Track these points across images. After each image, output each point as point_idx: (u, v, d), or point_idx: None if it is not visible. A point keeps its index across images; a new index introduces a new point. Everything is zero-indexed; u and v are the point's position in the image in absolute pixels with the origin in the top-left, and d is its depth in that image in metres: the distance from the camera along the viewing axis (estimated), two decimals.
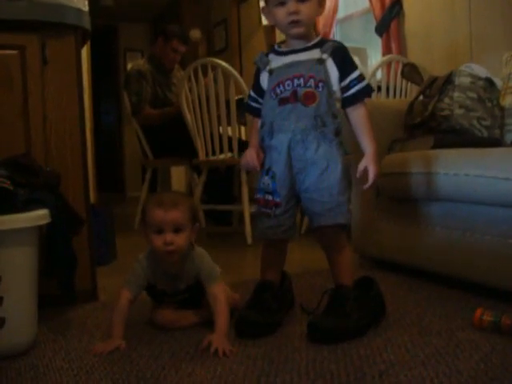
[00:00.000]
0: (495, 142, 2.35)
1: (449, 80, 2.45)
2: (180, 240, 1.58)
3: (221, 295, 1.61)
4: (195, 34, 6.71)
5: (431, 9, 3.77)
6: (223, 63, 3.30)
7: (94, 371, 1.39)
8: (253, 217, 2.89)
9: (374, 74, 3.46)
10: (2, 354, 1.47)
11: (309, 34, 1.65)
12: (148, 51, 5.87)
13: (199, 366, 1.39)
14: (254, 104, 1.76)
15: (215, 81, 3.29)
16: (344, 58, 1.63)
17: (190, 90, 3.42)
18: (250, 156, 1.71)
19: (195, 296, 1.71)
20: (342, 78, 1.62)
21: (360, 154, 1.66)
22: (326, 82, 1.60)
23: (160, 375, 1.34)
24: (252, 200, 3.03)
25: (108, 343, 1.54)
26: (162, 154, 3.99)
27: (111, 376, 1.35)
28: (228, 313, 1.59)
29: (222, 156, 3.41)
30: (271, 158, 1.66)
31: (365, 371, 1.33)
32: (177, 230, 1.58)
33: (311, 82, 1.59)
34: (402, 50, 3.99)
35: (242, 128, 4.22)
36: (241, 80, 3.20)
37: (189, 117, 3.46)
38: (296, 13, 1.57)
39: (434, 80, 2.53)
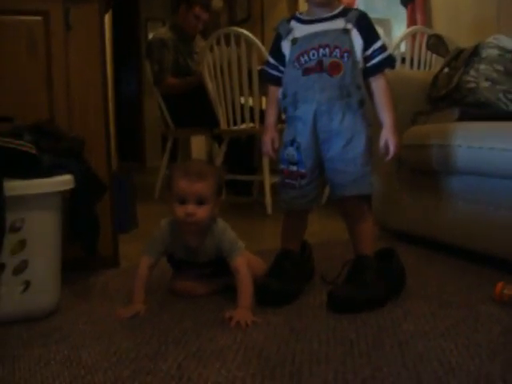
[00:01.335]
0: None
1: (475, 52, 2.40)
2: (202, 212, 1.56)
3: (242, 268, 1.59)
4: (217, 3, 6.65)
5: None
6: (246, 32, 3.27)
7: (116, 334, 1.41)
8: (273, 187, 2.89)
9: (398, 45, 3.41)
10: (27, 316, 1.50)
11: (332, 2, 1.62)
12: (170, 20, 5.84)
13: (220, 332, 1.41)
14: (273, 72, 1.71)
15: (238, 50, 3.27)
16: (368, 28, 1.61)
17: (213, 59, 3.40)
18: (265, 146, 1.72)
19: (218, 271, 1.69)
20: (365, 47, 1.60)
21: (381, 125, 1.65)
22: (351, 52, 1.58)
23: (181, 340, 1.36)
24: (272, 170, 3.04)
25: (129, 308, 1.56)
26: (183, 124, 3.99)
27: (133, 339, 1.37)
28: (250, 286, 1.57)
29: (243, 126, 3.41)
30: (296, 128, 1.65)
31: (384, 341, 1.33)
32: (200, 201, 1.56)
33: (337, 52, 1.57)
34: (428, 22, 3.92)
35: (264, 98, 4.20)
36: (263, 49, 3.18)
37: (210, 86, 3.45)
38: None
39: (459, 52, 2.49)
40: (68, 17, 1.92)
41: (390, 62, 1.64)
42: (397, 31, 4.43)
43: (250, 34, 3.26)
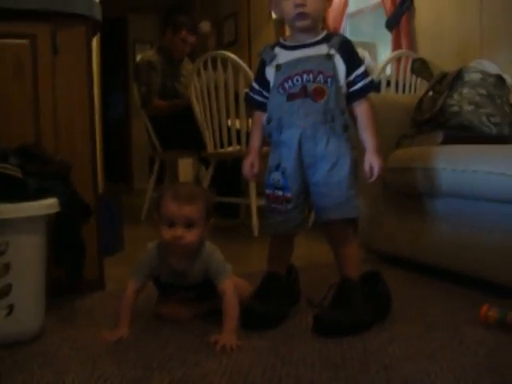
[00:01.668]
0: (504, 139, 2.35)
1: (458, 76, 2.44)
2: (191, 236, 1.54)
3: (229, 291, 1.57)
4: (205, 26, 6.71)
5: (442, 4, 3.76)
6: (232, 56, 3.30)
7: (100, 359, 1.40)
8: (260, 209, 2.90)
9: (383, 69, 3.45)
10: (10, 340, 1.49)
11: (315, 28, 1.65)
12: (157, 42, 5.86)
13: (205, 357, 1.40)
14: (257, 97, 1.74)
15: (224, 73, 3.29)
16: (350, 53, 1.64)
17: (200, 82, 3.42)
18: (245, 169, 1.74)
19: (203, 295, 1.68)
20: (348, 73, 1.63)
21: (365, 150, 1.67)
22: (335, 78, 1.60)
23: (166, 365, 1.35)
24: (259, 193, 3.05)
25: (113, 332, 1.55)
26: (170, 146, 3.99)
27: (118, 364, 1.36)
28: (236, 309, 1.55)
29: (230, 148, 3.42)
30: (280, 153, 1.66)
31: (370, 364, 1.33)
32: (189, 225, 1.54)
33: (320, 78, 1.60)
34: (412, 46, 3.98)
35: (251, 120, 4.22)
36: (250, 73, 3.20)
37: (197, 109, 3.46)
38: (303, 5, 1.58)
39: (443, 76, 2.53)
40: (55, 40, 1.92)
41: (372, 87, 1.67)
42: (382, 54, 4.49)
43: (236, 58, 3.29)
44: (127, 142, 8.10)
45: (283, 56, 1.66)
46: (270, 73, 1.68)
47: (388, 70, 3.58)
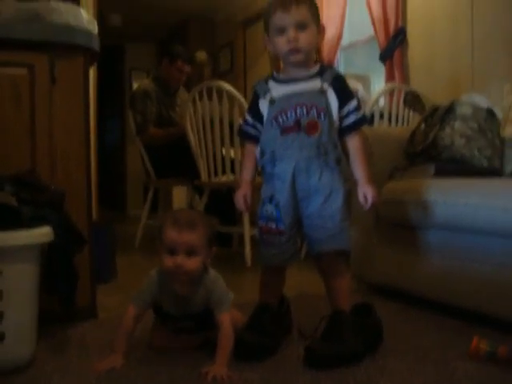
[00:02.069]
0: (495, 172, 2.38)
1: (450, 109, 2.48)
2: (192, 264, 1.53)
3: (227, 324, 1.56)
4: (201, 55, 6.78)
5: (434, 39, 3.82)
6: (228, 86, 3.34)
7: None
8: (253, 239, 2.90)
9: (376, 101, 3.49)
10: (1, 368, 1.48)
11: (308, 62, 1.68)
12: (153, 71, 5.92)
13: None
14: (250, 130, 1.76)
15: (219, 103, 3.33)
16: (343, 88, 1.67)
17: (195, 112, 3.45)
18: (238, 202, 1.76)
19: (201, 326, 1.66)
20: (340, 107, 1.66)
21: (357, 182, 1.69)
22: (328, 112, 1.63)
23: None
24: (252, 222, 3.06)
25: (106, 361, 1.54)
26: (164, 174, 4.01)
27: None
28: (231, 342, 1.55)
29: (223, 178, 3.44)
30: (274, 186, 1.68)
31: None
32: (190, 252, 1.53)
33: (314, 112, 1.62)
34: (405, 79, 4.04)
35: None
36: (245, 103, 3.23)
37: (192, 138, 3.49)
38: (295, 40, 1.61)
39: (435, 109, 2.56)
40: (53, 70, 1.95)
41: (364, 121, 1.70)
42: (376, 86, 4.55)
43: (231, 88, 3.33)
44: (122, 169, 8.11)
45: (277, 90, 1.69)
46: (264, 106, 1.70)
47: (381, 102, 3.63)
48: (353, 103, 1.67)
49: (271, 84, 1.71)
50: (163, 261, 1.54)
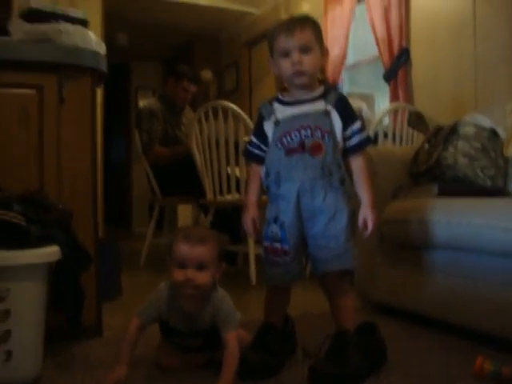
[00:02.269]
0: (499, 192, 2.39)
1: (453, 129, 2.50)
2: (202, 278, 1.54)
3: (233, 343, 1.56)
4: (206, 74, 6.84)
5: (438, 59, 3.86)
6: (233, 105, 3.37)
7: None
8: (258, 257, 2.91)
9: (380, 121, 3.52)
10: None
11: (312, 84, 1.70)
12: (159, 90, 5.96)
13: None
14: (256, 151, 1.78)
15: (225, 123, 3.36)
16: (346, 109, 1.69)
17: (200, 131, 3.48)
18: (247, 226, 1.77)
19: (209, 344, 1.66)
20: (344, 128, 1.68)
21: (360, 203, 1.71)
22: (332, 133, 1.65)
23: None
24: (257, 241, 3.07)
25: (111, 375, 1.53)
26: (170, 192, 4.03)
27: None
28: (236, 362, 1.54)
29: (229, 197, 3.46)
30: (278, 206, 1.70)
31: None
32: (200, 267, 1.54)
33: (318, 133, 1.65)
34: (409, 98, 4.07)
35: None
36: (250, 122, 3.27)
37: (198, 157, 3.51)
38: (300, 63, 1.63)
39: (439, 129, 2.58)
40: (61, 91, 1.98)
41: (367, 142, 1.72)
42: (380, 105, 4.58)
43: (236, 108, 3.36)
44: (127, 187, 8.14)
45: (281, 111, 1.71)
46: (269, 128, 1.73)
47: (385, 122, 3.66)
48: (356, 124, 1.69)
49: (276, 106, 1.73)
50: (173, 274, 1.55)
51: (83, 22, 2.12)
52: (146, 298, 1.65)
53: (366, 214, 1.67)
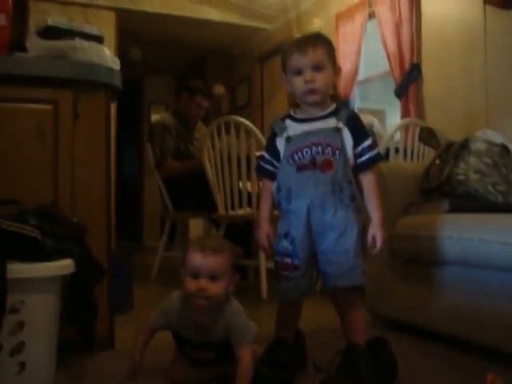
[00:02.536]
0: (509, 208, 2.39)
1: (464, 145, 2.50)
2: (215, 289, 1.53)
3: (247, 358, 1.55)
4: (219, 89, 6.89)
5: (449, 75, 3.88)
6: (245, 121, 3.39)
7: None
8: (269, 272, 2.92)
9: (392, 136, 3.53)
10: None
11: (324, 102, 1.72)
12: (172, 104, 6.01)
13: None
14: (268, 167, 1.79)
15: (237, 138, 3.38)
16: (357, 127, 1.71)
17: (213, 146, 3.51)
18: (262, 242, 1.77)
19: (221, 358, 1.64)
20: (355, 145, 1.69)
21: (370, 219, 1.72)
22: (343, 150, 1.67)
23: None
24: (268, 256, 3.07)
25: (126, 365, 1.59)
26: (181, 207, 4.05)
27: None
28: (249, 377, 1.54)
29: (240, 211, 3.47)
30: (289, 221, 1.71)
31: None
32: (213, 277, 1.53)
33: (329, 150, 1.66)
34: (420, 114, 4.08)
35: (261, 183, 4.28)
36: (262, 137, 3.29)
37: (210, 172, 3.54)
38: (312, 81, 1.65)
39: (450, 145, 2.59)
40: (76, 106, 2.01)
41: (378, 159, 1.73)
42: (392, 120, 4.60)
43: (248, 123, 3.38)
44: (139, 200, 8.19)
45: (293, 128, 1.73)
46: (281, 144, 1.74)
47: (397, 137, 3.67)
48: (367, 141, 1.70)
49: (288, 122, 1.75)
50: (186, 284, 1.54)
51: (98, 39, 2.16)
52: (159, 305, 1.66)
53: (375, 232, 1.68)
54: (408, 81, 4.13)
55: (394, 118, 4.61)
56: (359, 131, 1.70)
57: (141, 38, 6.61)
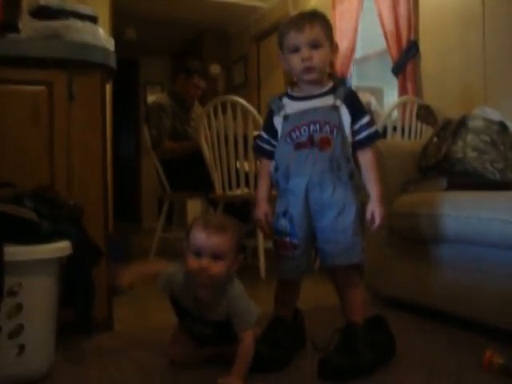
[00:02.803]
0: (507, 185, 2.38)
1: (462, 123, 2.49)
2: (217, 268, 1.51)
3: (249, 340, 1.55)
4: (215, 69, 6.85)
5: (446, 52, 3.85)
6: (241, 100, 3.37)
7: None
8: (267, 252, 2.92)
9: (389, 114, 3.52)
10: (20, 380, 1.52)
11: (322, 79, 1.71)
12: (168, 85, 5.96)
13: None
14: (265, 146, 1.78)
15: (234, 117, 3.36)
16: (355, 104, 1.70)
17: (209, 126, 3.49)
18: (260, 222, 1.76)
19: (219, 335, 1.63)
20: (352, 122, 1.68)
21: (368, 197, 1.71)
22: (340, 128, 1.66)
23: None
24: (266, 236, 3.07)
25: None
26: (179, 187, 4.04)
27: None
28: (250, 358, 1.54)
29: (238, 191, 3.47)
30: (288, 200, 1.70)
31: None
32: (216, 257, 1.51)
33: (326, 128, 1.65)
34: (418, 91, 4.06)
35: (259, 163, 4.27)
36: (259, 117, 3.27)
37: (207, 152, 3.52)
38: (309, 59, 1.64)
39: (447, 123, 2.58)
40: (71, 88, 1.99)
41: (376, 137, 1.72)
42: (389, 99, 4.57)
43: (245, 102, 3.36)
44: (137, 181, 8.18)
45: (291, 106, 1.72)
46: (278, 122, 1.73)
47: (395, 115, 3.65)
48: (365, 119, 1.69)
49: (285, 101, 1.74)
50: (188, 262, 1.52)
51: (93, 19, 2.13)
52: (166, 271, 1.66)
53: (373, 208, 1.68)
54: (405, 58, 4.09)
55: (391, 96, 4.58)
56: (357, 109, 1.69)
57: (136, 18, 6.54)
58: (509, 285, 1.88)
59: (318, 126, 1.65)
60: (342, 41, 4.68)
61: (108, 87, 3.82)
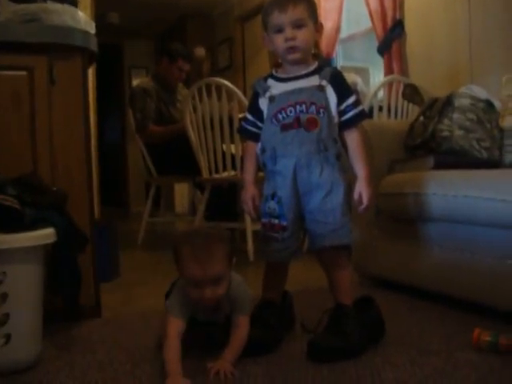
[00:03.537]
0: (494, 164, 2.39)
1: (448, 101, 2.48)
2: (221, 289, 1.51)
3: (244, 327, 1.57)
4: (200, 51, 6.78)
5: (432, 30, 3.82)
6: (226, 82, 3.35)
7: None
8: (255, 234, 2.91)
9: (375, 94, 3.50)
10: (7, 369, 1.50)
11: (306, 60, 1.69)
12: (152, 69, 5.90)
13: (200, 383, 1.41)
14: (251, 128, 1.77)
15: (219, 99, 3.34)
16: (341, 84, 1.68)
17: (194, 108, 3.46)
18: (247, 205, 1.74)
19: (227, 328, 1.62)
20: (339, 102, 1.67)
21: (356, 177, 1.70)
22: (327, 108, 1.64)
23: None
24: (254, 219, 3.06)
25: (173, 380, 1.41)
26: (165, 171, 4.03)
27: None
28: (242, 344, 1.54)
29: (224, 174, 3.45)
30: (275, 182, 1.69)
31: None
32: (216, 281, 1.49)
33: (313, 108, 1.64)
34: (404, 71, 4.04)
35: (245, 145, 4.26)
36: (244, 99, 3.25)
37: (192, 135, 3.50)
38: (293, 39, 1.62)
39: (434, 101, 2.57)
40: (52, 72, 1.96)
41: (362, 116, 1.71)
42: (375, 78, 4.55)
43: (230, 84, 3.34)
44: (123, 166, 8.14)
45: (276, 88, 1.70)
46: (264, 104, 1.72)
47: (380, 95, 3.63)
48: (351, 98, 1.67)
49: (270, 82, 1.72)
50: (190, 294, 1.51)
51: (72, 1, 2.09)
52: (171, 296, 1.59)
53: (361, 189, 1.67)
54: (391, 37, 4.07)
55: (377, 77, 4.56)
56: (343, 88, 1.68)
57: (118, 2, 6.46)
58: (496, 263, 1.89)
59: (304, 107, 1.64)
60: (327, 20, 4.63)
61: (91, 71, 3.78)
